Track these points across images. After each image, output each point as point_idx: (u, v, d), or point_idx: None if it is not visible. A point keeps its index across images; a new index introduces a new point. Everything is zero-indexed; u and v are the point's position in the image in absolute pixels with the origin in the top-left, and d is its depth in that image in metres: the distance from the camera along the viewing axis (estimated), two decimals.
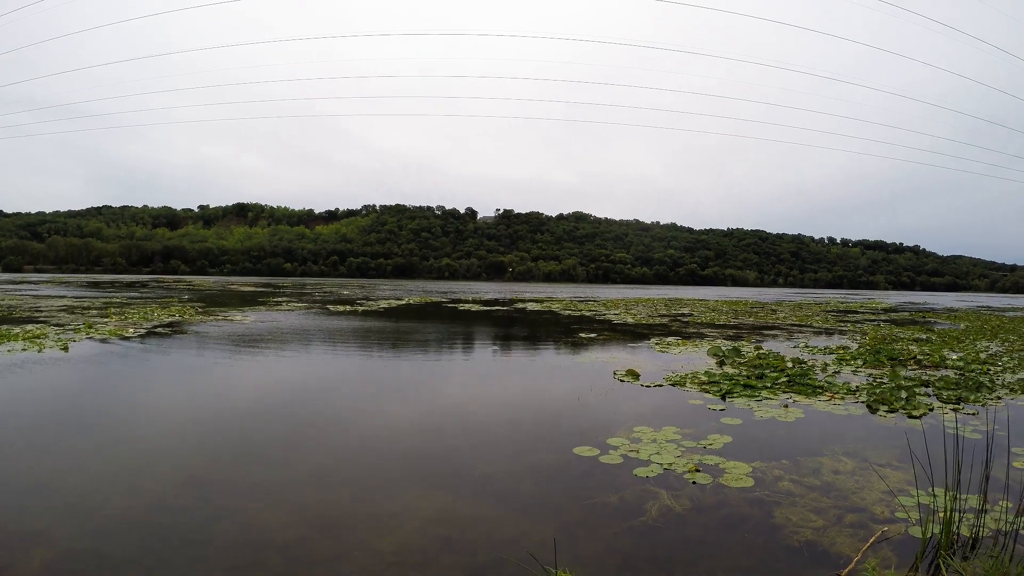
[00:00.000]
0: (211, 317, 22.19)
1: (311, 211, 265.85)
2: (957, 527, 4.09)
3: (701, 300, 55.00)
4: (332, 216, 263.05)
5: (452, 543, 4.05)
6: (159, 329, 17.41)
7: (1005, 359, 14.25)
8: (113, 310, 24.26)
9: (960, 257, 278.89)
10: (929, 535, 4.02)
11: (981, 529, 4.15)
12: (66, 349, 12.70)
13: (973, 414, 8.20)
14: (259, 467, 5.54)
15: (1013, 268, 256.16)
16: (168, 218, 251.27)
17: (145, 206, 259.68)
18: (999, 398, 9.42)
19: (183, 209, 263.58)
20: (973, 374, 11.50)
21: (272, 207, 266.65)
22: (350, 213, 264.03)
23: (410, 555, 3.86)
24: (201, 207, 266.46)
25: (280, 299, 38.35)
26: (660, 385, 10.05)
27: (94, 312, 23.22)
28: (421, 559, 3.82)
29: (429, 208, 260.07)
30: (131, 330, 16.70)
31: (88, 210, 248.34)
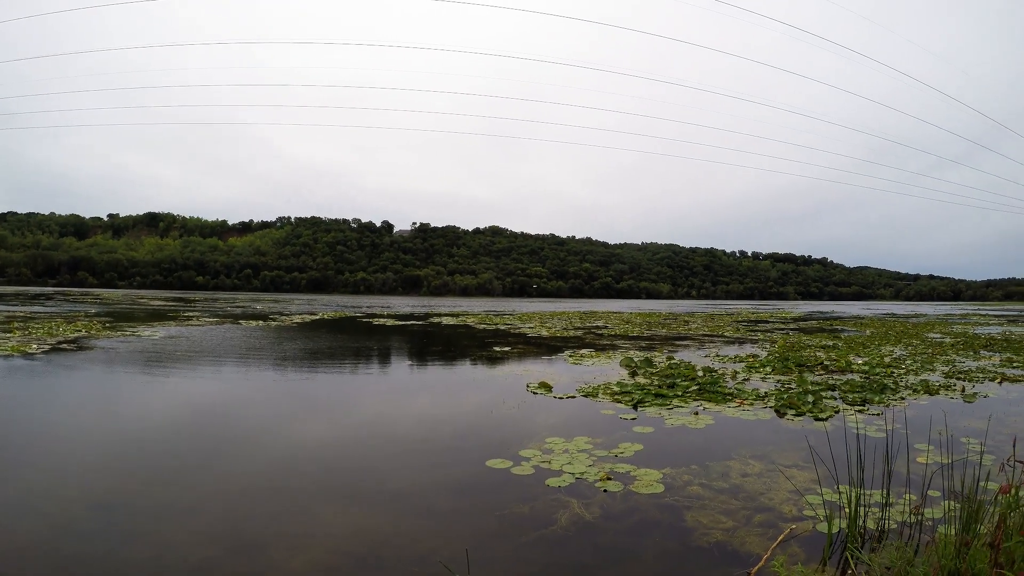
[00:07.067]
0: (119, 332, 20.97)
1: (225, 222, 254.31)
2: (863, 521, 4.16)
3: (616, 313, 55.83)
4: (246, 228, 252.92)
5: (365, 560, 3.95)
6: (64, 345, 16.34)
7: (908, 362, 15.03)
8: (16, 325, 22.77)
9: (866, 268, 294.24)
10: (836, 530, 4.06)
11: (887, 522, 4.24)
12: None
13: (877, 415, 8.54)
14: (169, 488, 5.25)
15: (916, 278, 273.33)
16: (76, 227, 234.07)
17: (52, 213, 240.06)
18: (902, 399, 9.88)
19: (92, 217, 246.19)
20: (878, 377, 12.02)
21: (185, 217, 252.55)
22: (264, 225, 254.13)
23: (322, 574, 3.73)
24: (111, 216, 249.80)
25: (191, 314, 36.73)
26: (573, 396, 10.02)
27: None
28: None
29: (345, 221, 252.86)
30: (35, 346, 15.72)
31: None
